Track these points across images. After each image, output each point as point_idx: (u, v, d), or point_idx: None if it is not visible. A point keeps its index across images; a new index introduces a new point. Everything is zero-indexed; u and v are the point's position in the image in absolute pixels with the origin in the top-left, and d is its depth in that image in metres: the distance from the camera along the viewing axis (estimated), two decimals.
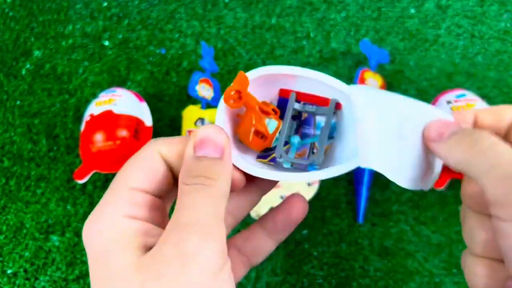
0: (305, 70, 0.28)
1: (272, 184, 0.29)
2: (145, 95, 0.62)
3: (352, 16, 0.68)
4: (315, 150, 0.29)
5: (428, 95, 0.61)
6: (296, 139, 0.29)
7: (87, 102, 0.63)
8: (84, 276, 0.52)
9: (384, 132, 0.25)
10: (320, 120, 0.29)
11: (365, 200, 0.53)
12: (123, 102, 0.56)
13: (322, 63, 0.64)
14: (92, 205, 0.56)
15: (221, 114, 0.28)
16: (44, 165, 0.60)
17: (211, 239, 0.20)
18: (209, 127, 0.23)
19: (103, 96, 0.57)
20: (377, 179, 0.55)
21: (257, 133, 0.29)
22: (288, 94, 0.30)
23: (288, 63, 0.64)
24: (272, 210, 0.29)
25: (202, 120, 0.56)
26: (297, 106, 0.29)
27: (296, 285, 0.51)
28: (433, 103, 0.55)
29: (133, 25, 0.70)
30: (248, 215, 0.32)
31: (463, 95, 0.54)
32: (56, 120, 0.63)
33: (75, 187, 0.58)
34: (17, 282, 0.53)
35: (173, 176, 0.25)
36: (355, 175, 0.55)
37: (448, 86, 0.61)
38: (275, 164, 0.29)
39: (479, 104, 0.52)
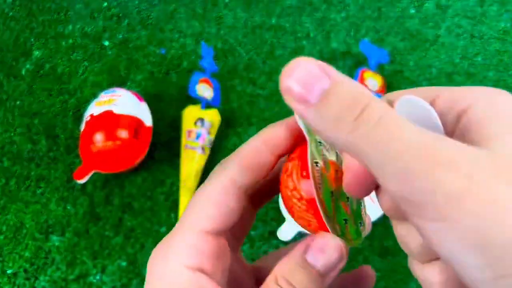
0: None
1: None
2: (145, 95, 0.63)
3: (352, 16, 0.68)
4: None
5: None
6: None
7: (87, 102, 0.63)
8: (84, 276, 0.52)
9: None
10: None
11: None
12: (123, 102, 0.56)
13: None
14: (92, 205, 0.56)
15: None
16: (44, 165, 0.60)
17: None
18: (334, 238, 0.21)
19: (103, 96, 0.57)
20: None
21: None
22: None
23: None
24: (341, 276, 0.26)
25: (202, 120, 0.56)
26: None
27: None
28: None
29: (133, 25, 0.70)
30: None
31: None
32: (56, 120, 0.63)
33: (75, 187, 0.58)
34: (17, 282, 0.53)
35: (246, 199, 0.22)
36: None
37: (448, 86, 0.61)
38: None
39: None
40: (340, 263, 0.20)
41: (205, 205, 0.21)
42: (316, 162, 0.20)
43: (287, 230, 0.47)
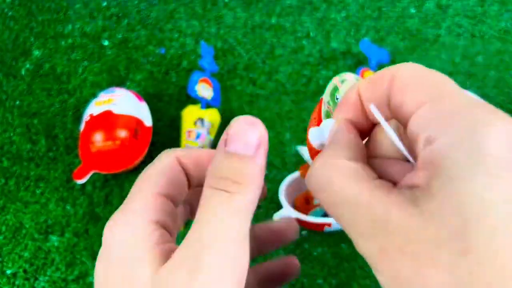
0: None
1: None
2: (144, 95, 0.62)
3: (352, 15, 0.68)
4: None
5: None
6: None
7: (87, 102, 0.63)
8: (83, 276, 0.52)
9: None
10: None
11: None
12: (123, 102, 0.56)
13: (322, 63, 0.64)
14: (91, 205, 0.56)
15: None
16: (44, 165, 0.59)
17: (229, 269, 0.19)
18: (244, 119, 0.21)
19: (103, 96, 0.57)
20: None
21: (306, 198, 0.52)
22: None
23: (288, 63, 0.64)
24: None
25: (201, 120, 0.56)
26: None
27: (296, 285, 0.51)
28: None
29: (133, 25, 0.70)
30: None
31: None
32: (56, 120, 0.62)
33: (74, 187, 0.57)
34: (17, 282, 0.53)
35: (189, 183, 0.24)
36: None
37: None
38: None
39: None
40: (261, 137, 0.20)
41: (156, 173, 0.23)
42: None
43: (283, 214, 0.51)
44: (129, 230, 0.21)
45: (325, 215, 0.52)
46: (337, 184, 0.17)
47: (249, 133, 0.20)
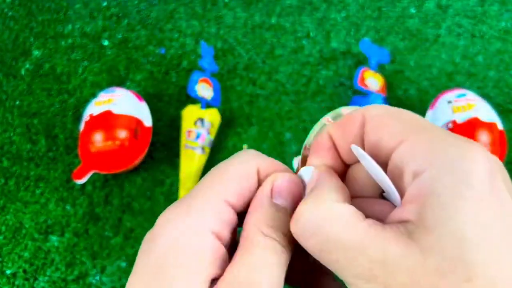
0: None
1: None
2: (144, 95, 0.62)
3: (352, 15, 0.68)
4: None
5: (428, 95, 0.61)
6: None
7: (87, 102, 0.63)
8: (83, 276, 0.52)
9: None
10: None
11: None
12: (123, 102, 0.56)
13: (322, 63, 0.64)
14: (91, 205, 0.56)
15: None
16: (43, 165, 0.59)
17: None
18: (290, 175, 0.21)
19: (103, 96, 0.57)
20: None
21: None
22: None
23: (288, 63, 0.64)
24: None
25: (201, 120, 0.56)
26: None
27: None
28: (434, 103, 0.55)
29: (133, 25, 0.69)
30: None
31: (464, 94, 0.54)
32: (56, 120, 0.62)
33: (74, 187, 0.57)
34: (17, 282, 0.53)
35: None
36: None
37: (448, 85, 0.61)
38: None
39: (479, 103, 0.52)
40: (300, 194, 0.21)
41: (234, 179, 0.21)
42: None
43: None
44: (187, 233, 0.20)
45: None
46: (328, 228, 0.17)
47: (295, 191, 0.21)
